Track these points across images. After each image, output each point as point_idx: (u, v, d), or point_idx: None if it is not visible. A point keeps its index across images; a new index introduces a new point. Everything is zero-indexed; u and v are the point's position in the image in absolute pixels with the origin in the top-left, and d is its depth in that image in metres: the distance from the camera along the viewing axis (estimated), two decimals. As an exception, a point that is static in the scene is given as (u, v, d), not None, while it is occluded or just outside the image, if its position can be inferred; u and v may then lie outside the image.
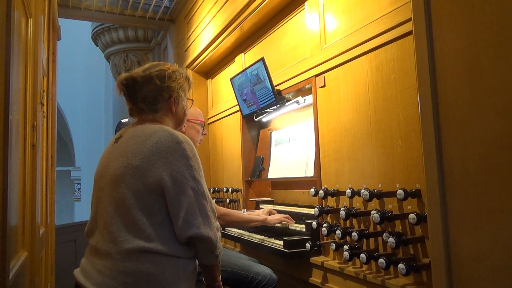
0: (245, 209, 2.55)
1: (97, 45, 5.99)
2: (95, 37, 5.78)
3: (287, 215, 2.25)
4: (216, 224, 1.36)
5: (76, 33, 8.39)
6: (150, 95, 1.44)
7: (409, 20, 1.41)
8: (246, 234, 2.47)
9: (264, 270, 2.00)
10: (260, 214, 2.29)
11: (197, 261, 1.40)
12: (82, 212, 9.43)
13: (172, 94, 1.47)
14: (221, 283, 1.43)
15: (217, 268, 1.40)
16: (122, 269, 1.23)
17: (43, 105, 2.41)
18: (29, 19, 1.76)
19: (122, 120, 8.11)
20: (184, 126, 2.08)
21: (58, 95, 4.14)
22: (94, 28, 5.68)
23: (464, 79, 1.12)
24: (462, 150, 1.12)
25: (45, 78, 2.73)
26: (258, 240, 2.29)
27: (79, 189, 10.40)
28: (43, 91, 2.42)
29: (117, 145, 1.41)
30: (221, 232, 2.69)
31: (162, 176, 1.27)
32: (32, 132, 1.82)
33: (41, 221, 2.40)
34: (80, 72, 9.92)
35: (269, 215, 2.27)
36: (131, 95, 1.45)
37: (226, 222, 2.15)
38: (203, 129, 2.18)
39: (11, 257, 1.30)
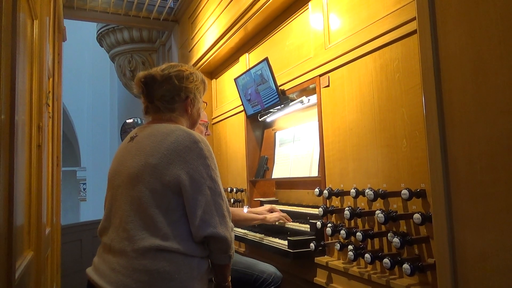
0: (247, 206, 2.56)
1: (102, 46, 6.02)
2: (100, 38, 5.81)
3: (284, 214, 2.26)
4: (231, 224, 1.37)
5: (82, 34, 8.44)
6: (167, 94, 1.46)
7: (413, 19, 1.41)
8: (250, 234, 2.47)
9: (269, 268, 2.00)
10: (261, 211, 2.30)
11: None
12: (88, 212, 9.47)
13: (189, 95, 1.49)
14: (230, 284, 1.44)
15: (228, 268, 1.41)
16: (137, 267, 1.23)
17: (49, 105, 2.42)
18: (35, 21, 1.77)
19: (127, 121, 8.15)
20: None
21: (64, 96, 4.16)
22: (99, 29, 5.71)
23: (469, 78, 1.11)
24: (467, 149, 1.11)
25: (51, 79, 2.75)
26: (258, 238, 2.29)
27: (84, 189, 10.45)
28: (49, 92, 2.44)
29: (133, 144, 1.42)
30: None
31: (179, 175, 1.29)
32: (38, 132, 1.83)
33: (47, 221, 2.41)
34: (85, 73, 9.98)
35: (271, 212, 2.28)
36: (149, 93, 1.47)
37: None
38: (207, 129, 2.19)
39: (17, 257, 1.31)
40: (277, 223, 2.25)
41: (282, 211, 2.35)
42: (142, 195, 1.29)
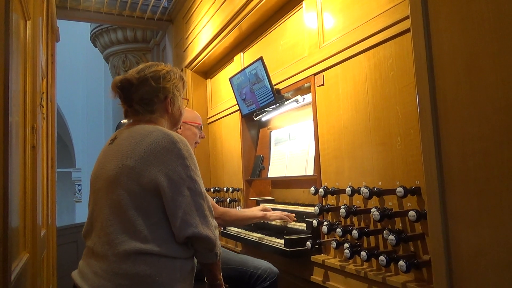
0: (239, 207, 2.55)
1: (96, 46, 5.99)
2: (94, 38, 5.78)
3: (286, 213, 2.25)
4: (214, 222, 1.36)
5: (75, 34, 8.39)
6: (145, 97, 1.43)
7: (407, 17, 1.42)
8: (246, 233, 2.47)
9: (264, 264, 1.99)
10: (256, 212, 2.28)
11: (195, 261, 1.41)
12: (83, 213, 9.42)
13: (168, 95, 1.47)
14: (222, 281, 1.44)
15: (217, 266, 1.40)
16: (118, 271, 1.23)
17: (43, 107, 2.41)
18: (28, 21, 1.76)
19: (122, 121, 8.09)
20: (180, 128, 2.09)
21: (58, 97, 4.14)
22: (93, 29, 5.68)
23: (462, 76, 1.12)
24: (461, 147, 1.12)
25: (44, 80, 2.73)
26: (259, 238, 2.29)
27: (79, 190, 10.40)
28: (43, 93, 2.43)
29: (112, 147, 1.40)
30: (222, 231, 2.71)
31: (157, 176, 1.27)
32: (32, 134, 1.82)
33: (42, 222, 2.40)
34: (79, 73, 9.92)
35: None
36: (127, 98, 1.45)
37: (226, 222, 2.14)
38: (201, 132, 2.17)
39: (13, 259, 1.31)
40: (278, 222, 2.23)
41: (278, 210, 2.35)
42: (121, 198, 1.27)
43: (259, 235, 2.34)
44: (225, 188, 3.12)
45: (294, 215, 2.22)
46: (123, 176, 1.29)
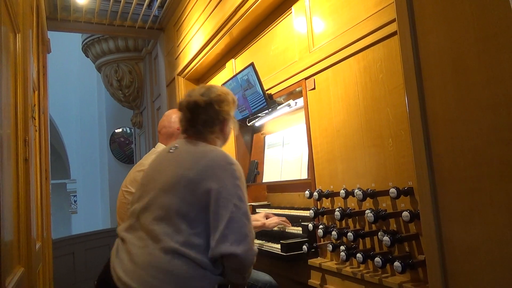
0: None
1: (87, 57, 5.98)
2: (86, 49, 5.78)
3: (284, 218, 2.25)
4: (255, 248, 1.40)
5: (67, 45, 8.37)
6: (209, 120, 1.56)
7: (394, 20, 1.43)
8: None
9: (263, 277, 1.99)
10: (258, 218, 2.29)
11: (221, 278, 1.44)
12: (80, 224, 9.34)
13: (226, 117, 1.60)
14: None
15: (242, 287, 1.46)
16: (155, 264, 1.31)
17: (35, 119, 2.40)
18: (17, 34, 1.76)
19: (116, 130, 8.06)
20: None
21: (51, 108, 4.13)
22: (84, 40, 5.68)
23: (449, 76, 1.13)
24: (450, 146, 1.13)
25: (36, 92, 2.72)
26: (257, 245, 2.28)
27: (75, 201, 10.32)
28: (34, 105, 2.42)
29: (172, 155, 1.52)
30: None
31: (211, 188, 1.37)
32: (24, 146, 1.81)
33: (37, 235, 2.38)
34: (72, 84, 9.88)
35: (266, 218, 2.27)
36: (193, 119, 1.56)
37: None
38: None
39: (7, 273, 1.30)
40: (276, 228, 2.24)
41: (275, 214, 2.35)
42: (173, 203, 1.38)
43: (259, 241, 2.33)
44: (220, 195, 3.11)
45: (289, 221, 2.22)
46: (180, 184, 1.40)
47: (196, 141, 1.55)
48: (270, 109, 2.44)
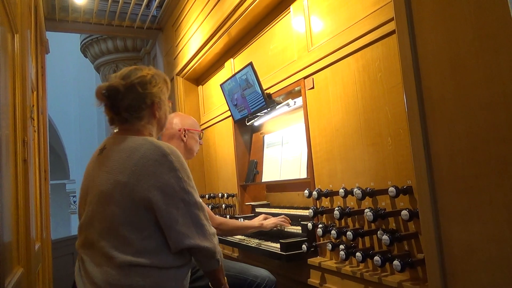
0: (241, 219, 2.55)
1: (86, 57, 5.98)
2: (84, 49, 5.77)
3: (283, 216, 2.25)
4: (212, 229, 1.35)
5: (66, 45, 8.37)
6: (133, 104, 1.39)
7: (392, 19, 1.43)
8: (243, 239, 2.47)
9: (262, 273, 2.00)
10: (256, 220, 2.29)
11: (188, 266, 1.40)
12: (79, 224, 9.34)
13: (154, 100, 1.43)
14: (227, 285, 1.44)
15: (220, 271, 1.40)
16: (112, 282, 1.23)
17: (33, 119, 2.40)
18: (15, 35, 1.76)
19: (115, 130, 8.01)
20: (185, 137, 2.10)
21: (50, 109, 4.12)
22: (83, 40, 5.67)
23: (447, 75, 1.13)
24: (449, 145, 1.13)
25: (35, 93, 2.72)
26: (255, 244, 2.29)
27: (75, 201, 10.32)
28: (33, 105, 2.41)
29: (102, 158, 1.38)
30: (218, 238, 2.69)
31: (150, 191, 1.25)
32: (23, 147, 1.81)
33: (36, 236, 2.38)
34: (70, 84, 9.89)
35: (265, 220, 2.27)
36: (113, 105, 1.41)
37: (223, 232, 2.15)
38: (200, 139, 2.20)
39: (6, 274, 1.29)
40: (277, 227, 2.24)
41: (274, 214, 2.35)
42: (114, 214, 1.26)
43: (257, 240, 2.34)
44: (220, 194, 3.12)
45: (289, 218, 2.23)
46: (116, 192, 1.27)
47: (125, 135, 1.38)
48: (269, 109, 2.44)
